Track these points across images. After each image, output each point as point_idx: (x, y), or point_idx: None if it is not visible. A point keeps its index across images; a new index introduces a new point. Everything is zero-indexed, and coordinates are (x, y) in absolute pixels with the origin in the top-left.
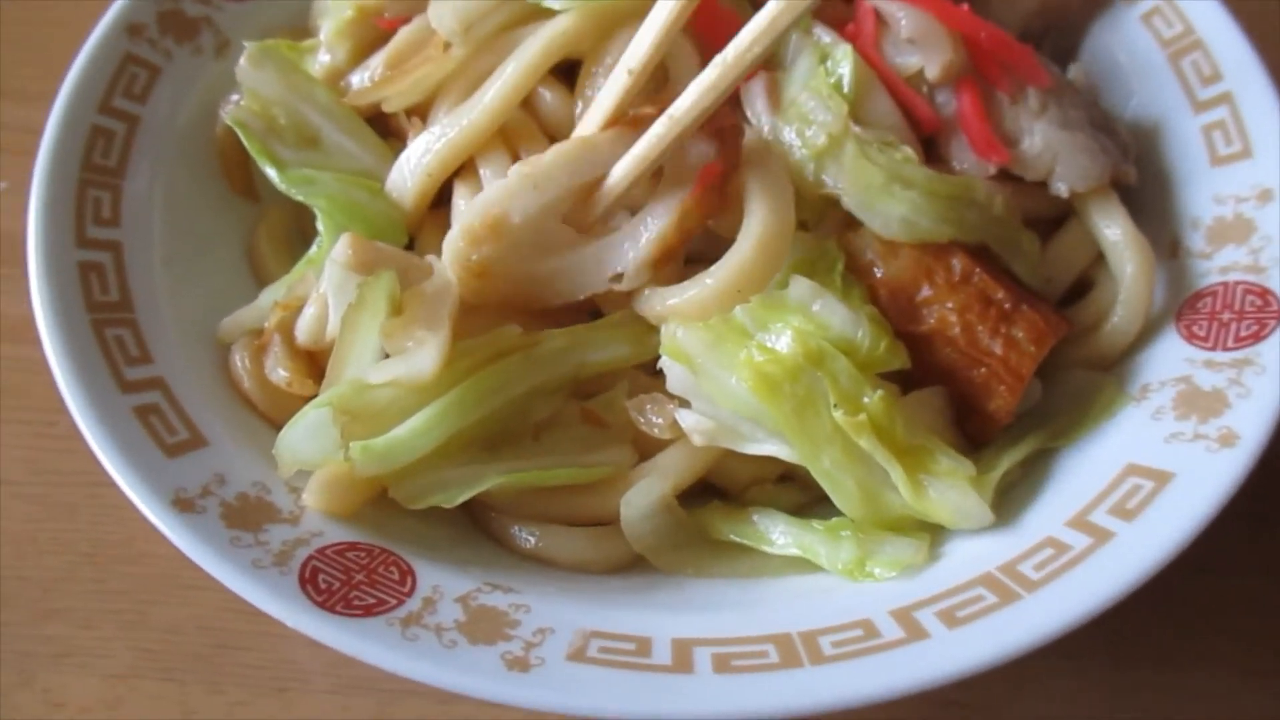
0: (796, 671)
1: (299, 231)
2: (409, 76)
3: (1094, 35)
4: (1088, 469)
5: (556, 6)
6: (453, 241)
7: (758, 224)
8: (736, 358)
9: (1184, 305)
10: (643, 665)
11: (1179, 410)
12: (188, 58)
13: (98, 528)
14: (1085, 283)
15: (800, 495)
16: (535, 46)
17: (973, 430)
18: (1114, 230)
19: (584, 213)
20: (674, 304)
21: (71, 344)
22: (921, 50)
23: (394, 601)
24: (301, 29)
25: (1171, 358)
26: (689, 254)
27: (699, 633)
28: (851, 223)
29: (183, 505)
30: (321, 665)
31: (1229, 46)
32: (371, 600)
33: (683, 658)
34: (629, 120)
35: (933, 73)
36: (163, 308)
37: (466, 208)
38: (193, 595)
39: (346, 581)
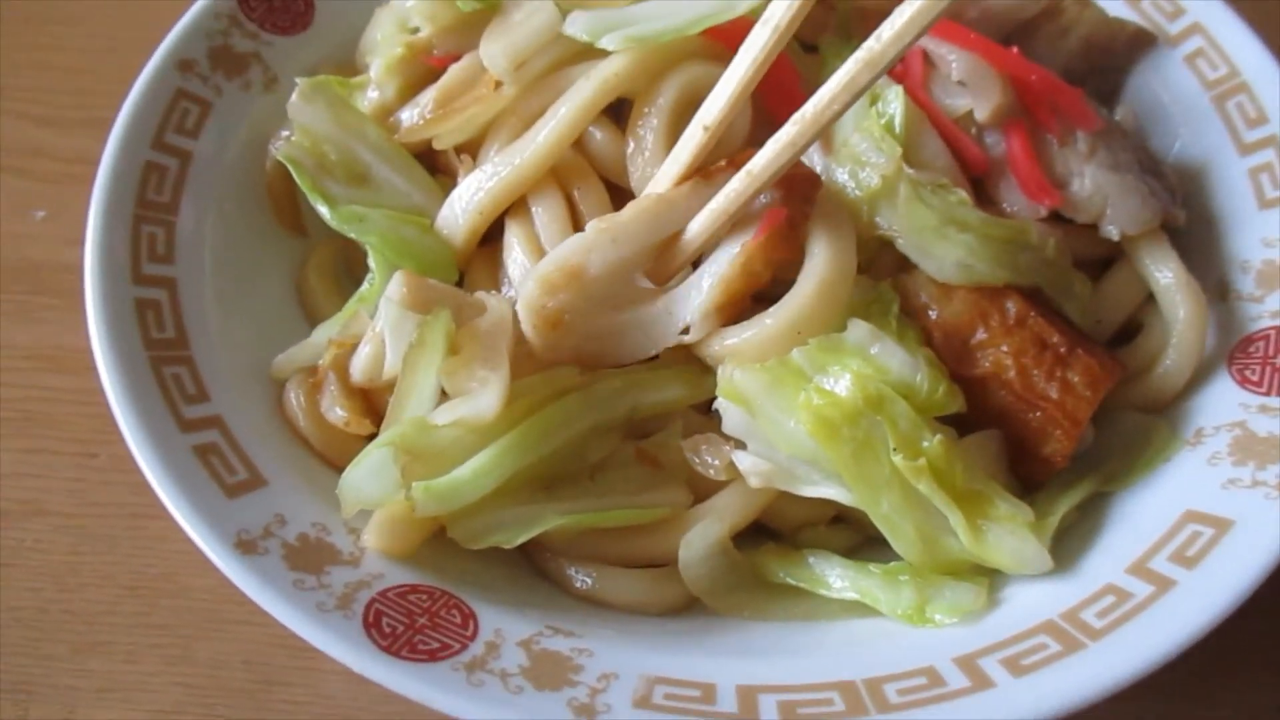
0: None
1: (346, 267)
2: (460, 114)
3: (1137, 76)
4: (1145, 514)
5: (610, 47)
6: (527, 292)
7: (819, 266)
8: (794, 400)
9: (1235, 349)
10: (709, 713)
11: (1235, 456)
12: (237, 93)
13: (139, 560)
14: (1133, 324)
15: (852, 537)
16: (588, 87)
17: (1026, 474)
18: (1165, 274)
19: (662, 266)
20: (732, 344)
21: (132, 383)
22: (971, 92)
23: (458, 646)
24: (349, 65)
25: (1225, 402)
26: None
27: (762, 679)
28: (904, 264)
29: (245, 547)
30: (364, 702)
31: (1274, 89)
32: (435, 644)
33: (748, 705)
34: (704, 173)
35: (982, 115)
36: (216, 344)
37: (540, 262)
38: (237, 630)
39: (410, 625)
